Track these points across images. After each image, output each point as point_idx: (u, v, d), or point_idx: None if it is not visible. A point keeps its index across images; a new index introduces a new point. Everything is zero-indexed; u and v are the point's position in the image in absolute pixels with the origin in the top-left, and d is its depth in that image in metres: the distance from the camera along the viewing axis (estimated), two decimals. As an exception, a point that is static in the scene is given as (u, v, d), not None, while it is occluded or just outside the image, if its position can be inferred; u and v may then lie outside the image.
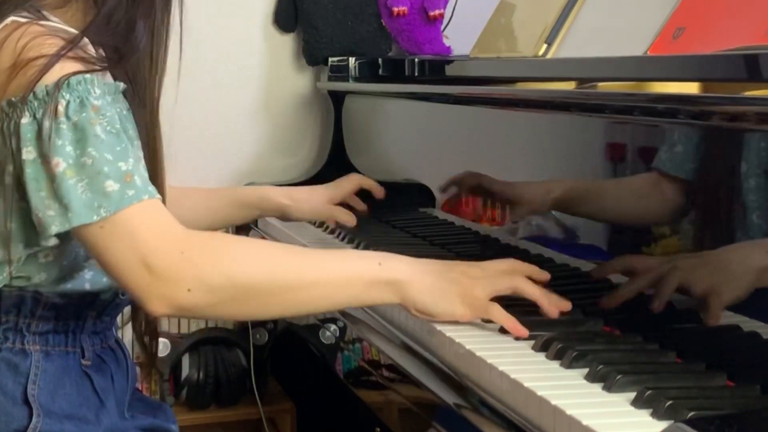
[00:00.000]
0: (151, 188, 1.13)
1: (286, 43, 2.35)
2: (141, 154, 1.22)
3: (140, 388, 1.96)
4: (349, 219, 1.64)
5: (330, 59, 2.24)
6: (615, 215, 1.29)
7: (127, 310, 1.36)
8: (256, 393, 2.16)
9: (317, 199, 1.66)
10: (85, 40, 1.18)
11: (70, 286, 1.22)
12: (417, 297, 1.18)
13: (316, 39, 2.27)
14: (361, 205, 1.70)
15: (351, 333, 1.55)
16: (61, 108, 1.11)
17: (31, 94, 1.11)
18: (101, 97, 1.14)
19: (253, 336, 2.17)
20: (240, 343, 2.18)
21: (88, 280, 1.24)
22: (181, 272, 1.11)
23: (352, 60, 2.22)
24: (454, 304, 1.19)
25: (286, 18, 2.32)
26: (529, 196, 1.44)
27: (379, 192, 1.71)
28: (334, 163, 2.20)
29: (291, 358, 2.22)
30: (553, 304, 1.20)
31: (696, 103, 1.11)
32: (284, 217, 1.66)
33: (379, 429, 1.63)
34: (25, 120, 1.11)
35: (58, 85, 1.11)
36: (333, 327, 1.61)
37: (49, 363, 1.22)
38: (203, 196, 1.64)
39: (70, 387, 1.23)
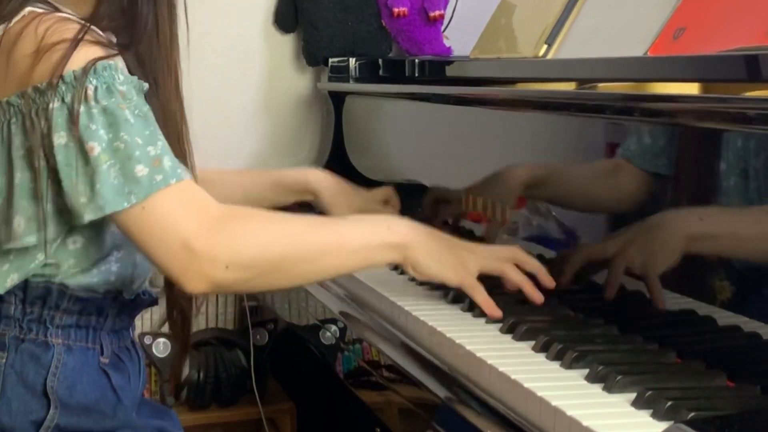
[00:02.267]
0: (181, 170, 1.16)
1: (286, 43, 2.35)
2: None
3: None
4: None
5: (330, 60, 2.24)
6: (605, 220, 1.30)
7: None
8: (256, 393, 2.16)
9: (347, 198, 1.66)
10: (97, 28, 1.20)
11: (96, 279, 1.24)
12: (416, 257, 1.27)
13: (316, 39, 2.27)
14: None
15: (351, 333, 1.55)
16: (90, 92, 1.13)
17: (59, 80, 1.13)
18: (126, 83, 1.17)
19: (253, 336, 2.17)
20: (240, 343, 2.18)
21: (114, 272, 1.25)
22: (218, 251, 1.15)
23: (352, 60, 2.22)
24: (445, 268, 1.28)
25: (286, 18, 2.32)
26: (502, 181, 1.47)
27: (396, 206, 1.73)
28: (334, 164, 2.19)
29: (291, 358, 2.22)
30: (536, 290, 1.27)
31: (696, 103, 1.11)
32: (316, 203, 1.67)
33: (379, 429, 1.63)
34: (55, 105, 1.13)
35: (85, 71, 1.14)
36: (333, 327, 1.61)
37: (69, 357, 1.23)
38: (238, 176, 1.69)
39: (89, 383, 1.24)
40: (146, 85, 1.25)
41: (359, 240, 1.26)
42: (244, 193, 1.62)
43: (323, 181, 1.64)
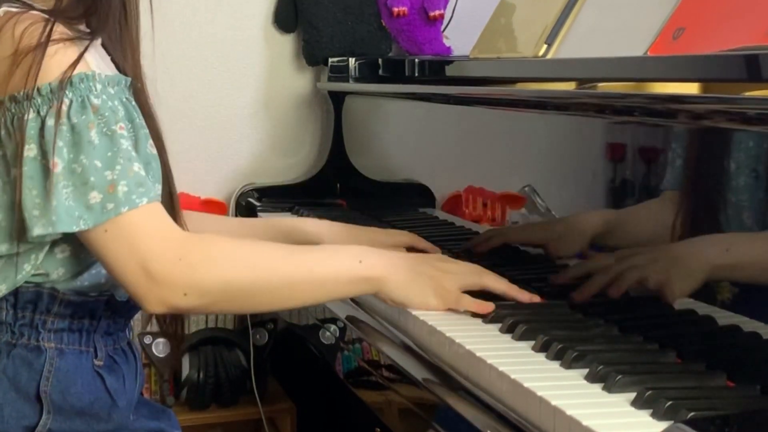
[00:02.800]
0: (136, 196, 1.14)
1: (286, 43, 2.35)
2: (149, 146, 1.24)
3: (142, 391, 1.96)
4: None
5: (330, 59, 2.24)
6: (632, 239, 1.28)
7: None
8: (256, 393, 2.16)
9: (354, 239, 1.58)
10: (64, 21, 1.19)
11: (87, 282, 1.24)
12: (392, 291, 1.26)
13: (316, 39, 2.27)
14: None
15: (351, 333, 1.55)
16: (64, 107, 1.13)
17: (36, 91, 1.13)
18: (102, 93, 1.16)
19: (253, 336, 2.17)
20: (240, 343, 2.18)
21: (104, 275, 1.25)
22: (178, 277, 1.15)
23: (352, 60, 2.22)
24: (426, 297, 1.26)
25: (286, 18, 2.32)
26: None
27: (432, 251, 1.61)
28: (334, 163, 2.20)
29: (291, 358, 2.22)
30: (522, 292, 1.28)
31: (696, 103, 1.11)
32: None
33: (379, 429, 1.63)
34: (30, 116, 1.13)
35: (61, 84, 1.13)
36: (333, 327, 1.61)
37: (62, 361, 1.22)
38: (236, 226, 1.66)
39: (83, 385, 1.24)
40: (128, 80, 1.24)
41: (329, 272, 1.23)
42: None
43: (322, 231, 1.57)
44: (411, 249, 1.54)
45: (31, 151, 1.13)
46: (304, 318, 1.81)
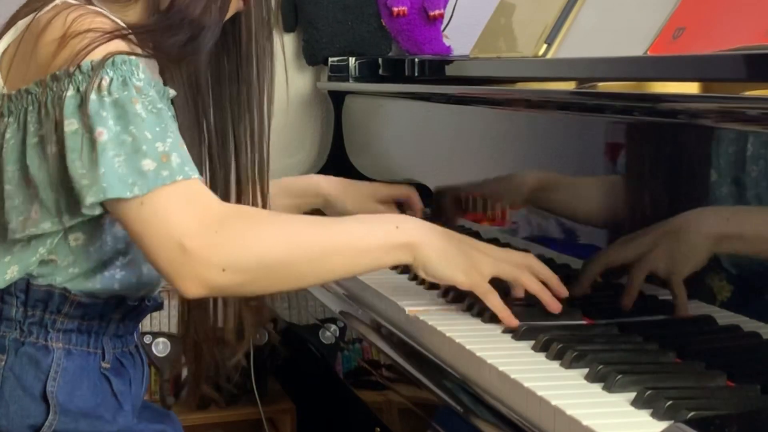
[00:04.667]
0: (188, 168, 1.13)
1: (286, 43, 2.35)
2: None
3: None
4: None
5: (330, 59, 2.24)
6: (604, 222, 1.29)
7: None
8: (256, 393, 2.16)
9: (359, 192, 1.63)
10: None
11: (99, 286, 1.23)
12: (427, 258, 1.22)
13: (316, 39, 2.27)
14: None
15: (351, 333, 1.55)
16: (104, 83, 1.12)
17: (77, 68, 1.12)
18: (143, 80, 1.14)
19: (253, 336, 2.16)
20: (240, 343, 2.18)
21: (118, 280, 1.24)
22: (215, 253, 1.11)
23: (352, 60, 2.22)
24: (456, 270, 1.22)
25: (286, 18, 2.31)
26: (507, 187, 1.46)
27: (418, 210, 1.68)
28: (334, 163, 2.20)
29: (291, 358, 2.22)
30: (554, 299, 1.23)
31: (696, 103, 1.11)
32: (327, 208, 1.66)
33: (379, 429, 1.63)
34: (69, 93, 1.12)
35: (102, 61, 1.12)
36: (333, 327, 1.61)
37: (69, 362, 1.22)
38: None
39: (88, 387, 1.23)
40: (172, 92, 1.25)
41: (367, 240, 1.21)
42: None
43: (330, 184, 1.59)
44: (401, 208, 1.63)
45: (71, 125, 1.11)
46: (304, 318, 1.80)
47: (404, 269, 1.52)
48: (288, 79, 2.34)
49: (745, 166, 1.04)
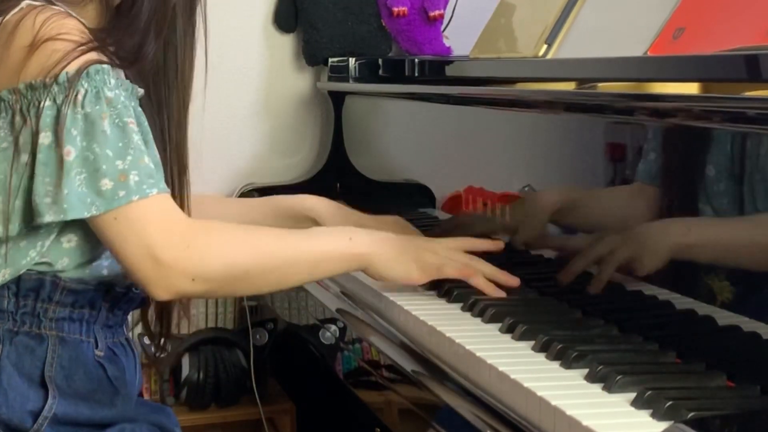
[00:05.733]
0: (147, 186, 1.18)
1: (286, 43, 2.35)
2: (155, 150, 1.27)
3: (141, 391, 1.96)
4: None
5: (330, 59, 2.24)
6: (608, 224, 1.29)
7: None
8: (256, 393, 2.16)
9: (345, 217, 1.62)
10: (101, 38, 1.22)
11: (89, 271, 1.26)
12: (379, 266, 1.33)
13: (316, 39, 2.27)
14: None
15: (351, 333, 1.55)
16: (80, 97, 1.16)
17: (53, 80, 1.15)
18: (115, 88, 1.19)
19: (253, 336, 2.16)
20: (240, 343, 2.18)
21: (106, 266, 1.27)
22: (185, 265, 1.19)
23: (352, 60, 2.22)
24: (409, 269, 1.34)
25: (286, 18, 2.31)
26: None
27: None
28: (334, 163, 2.20)
29: (291, 358, 2.22)
30: (497, 291, 1.33)
31: (696, 103, 1.11)
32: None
33: (379, 429, 1.63)
34: (46, 104, 1.16)
35: (78, 73, 1.16)
36: (333, 327, 1.61)
37: (64, 348, 1.24)
38: (237, 206, 1.72)
39: (85, 373, 1.25)
40: (141, 91, 1.27)
41: (321, 251, 1.31)
42: (242, 221, 1.59)
43: (321, 207, 1.60)
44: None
45: (46, 138, 1.16)
46: (304, 318, 1.81)
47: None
48: (288, 79, 2.36)
49: (746, 166, 1.04)
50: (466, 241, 1.39)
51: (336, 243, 1.33)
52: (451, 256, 1.36)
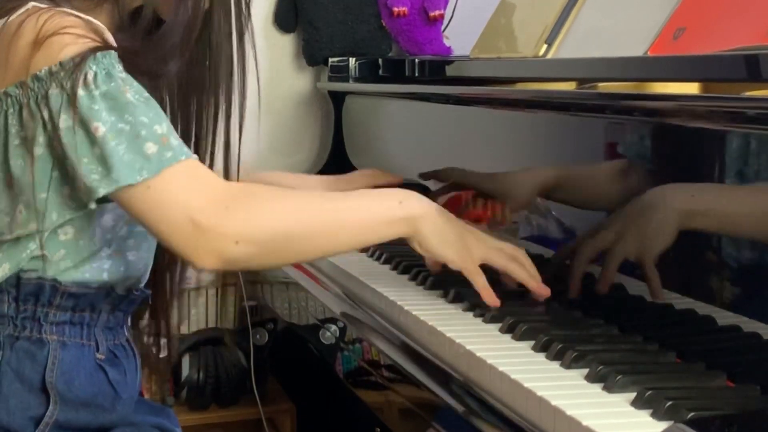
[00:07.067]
0: (187, 149, 1.16)
1: (286, 43, 2.35)
2: None
3: (141, 391, 1.96)
4: None
5: (330, 59, 2.24)
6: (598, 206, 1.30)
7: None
8: (256, 393, 2.16)
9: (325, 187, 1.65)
10: (111, 39, 1.21)
11: (88, 275, 1.24)
12: (425, 232, 1.27)
13: (316, 39, 2.27)
14: None
15: (351, 333, 1.55)
16: (90, 78, 1.13)
17: (59, 66, 1.13)
18: (125, 72, 1.16)
19: (253, 336, 2.17)
20: (240, 343, 2.18)
21: (106, 269, 1.25)
22: (227, 226, 1.15)
23: (352, 60, 2.22)
24: (449, 249, 1.28)
25: (286, 18, 2.32)
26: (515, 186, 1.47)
27: (396, 181, 1.69)
28: (334, 163, 2.20)
29: (291, 358, 2.22)
30: (542, 286, 1.28)
31: (696, 103, 1.11)
32: None
33: (379, 429, 1.63)
34: (54, 91, 1.13)
35: (84, 57, 1.14)
36: (333, 327, 1.61)
37: (65, 353, 1.23)
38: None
39: (86, 377, 1.24)
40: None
41: (371, 214, 1.26)
42: None
43: (298, 182, 1.61)
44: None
45: (65, 121, 1.13)
46: (304, 318, 1.81)
47: (404, 269, 1.52)
48: (288, 79, 2.36)
49: (746, 166, 1.04)
50: (523, 256, 1.31)
51: (386, 205, 1.27)
52: (499, 246, 1.31)
